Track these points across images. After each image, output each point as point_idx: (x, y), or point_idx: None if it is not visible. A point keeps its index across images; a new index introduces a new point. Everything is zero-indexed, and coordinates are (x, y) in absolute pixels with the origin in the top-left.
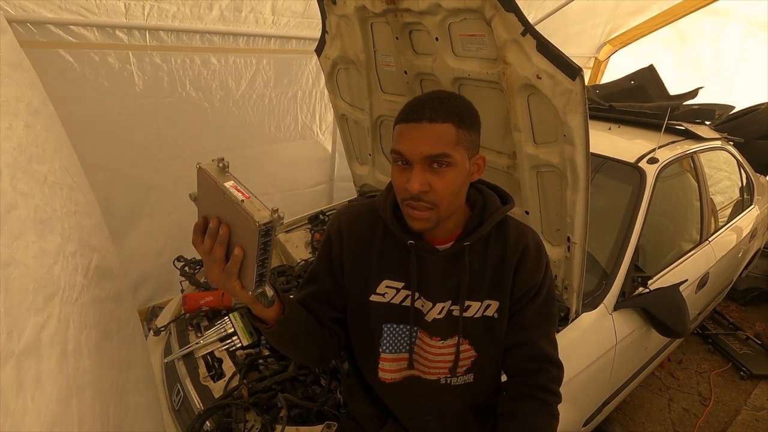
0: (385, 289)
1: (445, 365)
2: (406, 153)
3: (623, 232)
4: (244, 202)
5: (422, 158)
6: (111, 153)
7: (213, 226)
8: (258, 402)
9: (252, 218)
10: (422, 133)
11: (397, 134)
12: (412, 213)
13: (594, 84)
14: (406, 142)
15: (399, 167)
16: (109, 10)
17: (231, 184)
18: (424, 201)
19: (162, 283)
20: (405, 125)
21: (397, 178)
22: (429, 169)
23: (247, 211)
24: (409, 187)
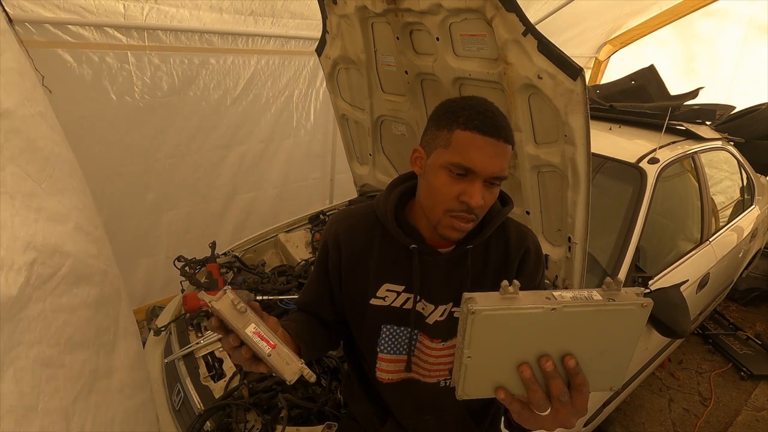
0: (385, 293)
1: (446, 367)
2: (478, 168)
3: (624, 233)
4: (271, 356)
5: (491, 176)
6: (109, 152)
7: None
8: (258, 402)
9: (283, 376)
10: (498, 152)
11: (467, 144)
12: (456, 224)
13: (594, 84)
14: (482, 157)
15: (453, 176)
16: (108, 11)
17: (253, 330)
18: (473, 213)
19: (161, 283)
20: (480, 137)
21: (447, 187)
22: (485, 184)
23: (276, 368)
24: (470, 201)
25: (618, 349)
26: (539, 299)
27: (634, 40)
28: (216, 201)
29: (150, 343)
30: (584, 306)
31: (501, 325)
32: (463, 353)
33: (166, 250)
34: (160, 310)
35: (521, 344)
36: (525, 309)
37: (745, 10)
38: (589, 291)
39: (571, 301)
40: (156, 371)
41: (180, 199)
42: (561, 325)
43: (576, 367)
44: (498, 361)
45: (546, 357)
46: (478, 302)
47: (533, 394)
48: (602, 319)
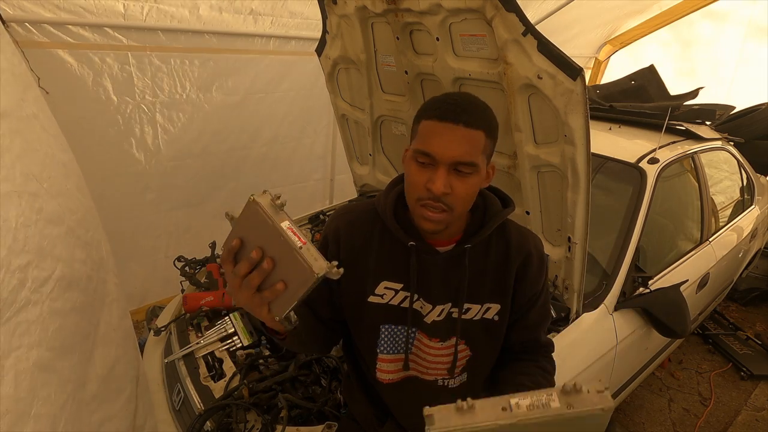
0: (383, 291)
1: (444, 366)
2: (436, 153)
3: (624, 232)
4: (302, 248)
5: (451, 161)
6: (109, 152)
7: (255, 256)
8: (258, 402)
9: (310, 268)
10: (457, 136)
11: (427, 131)
12: (426, 213)
13: (594, 84)
14: (439, 142)
15: (419, 165)
16: (108, 11)
17: (287, 226)
18: (442, 203)
19: (161, 282)
20: (439, 123)
21: (415, 176)
22: (453, 171)
23: (305, 258)
24: (432, 187)
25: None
26: (495, 413)
27: (634, 40)
28: (216, 201)
29: (150, 343)
30: (541, 415)
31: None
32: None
33: (165, 250)
34: (160, 310)
35: None
36: (480, 427)
37: (745, 11)
38: (547, 395)
39: (527, 412)
40: (156, 371)
41: (180, 199)
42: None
43: None
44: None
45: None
46: (435, 422)
47: None
48: (561, 426)
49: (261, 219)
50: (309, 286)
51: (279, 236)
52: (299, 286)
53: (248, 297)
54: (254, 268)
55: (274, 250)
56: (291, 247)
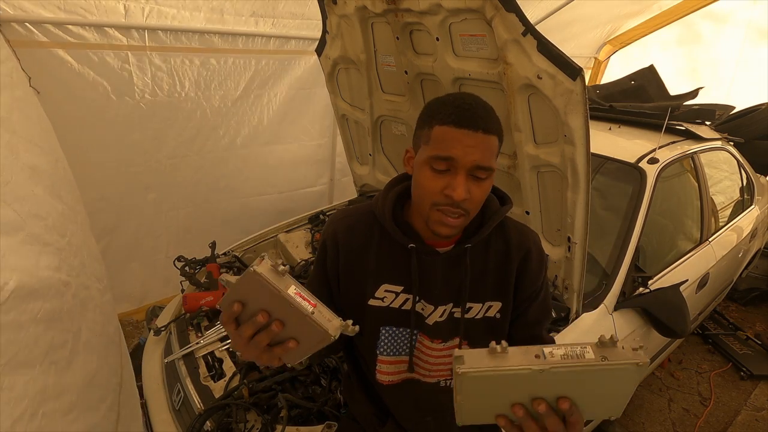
0: (384, 294)
1: (447, 367)
2: (458, 159)
3: (623, 232)
4: (314, 313)
5: (472, 167)
6: (109, 152)
7: (261, 320)
8: (258, 402)
9: (326, 331)
10: (477, 142)
11: (445, 137)
12: (444, 219)
13: (594, 84)
14: (460, 148)
15: (435, 171)
16: (108, 11)
17: (294, 291)
18: (461, 208)
19: (161, 282)
20: (457, 130)
21: (431, 182)
22: (469, 177)
23: (319, 323)
24: (453, 194)
25: (612, 399)
26: (528, 358)
27: (634, 40)
28: (216, 201)
29: (150, 343)
30: (574, 366)
31: (488, 383)
32: (456, 396)
33: (166, 250)
34: (160, 310)
35: (512, 395)
36: (512, 370)
37: (744, 12)
38: (582, 347)
39: (560, 361)
40: (156, 371)
41: (180, 199)
42: (551, 381)
43: (571, 408)
44: (491, 403)
45: (539, 400)
46: (465, 362)
47: (528, 428)
48: (594, 377)
49: (264, 286)
50: (324, 344)
51: (287, 303)
52: (313, 344)
53: (257, 354)
54: (260, 329)
55: (281, 313)
56: (302, 313)
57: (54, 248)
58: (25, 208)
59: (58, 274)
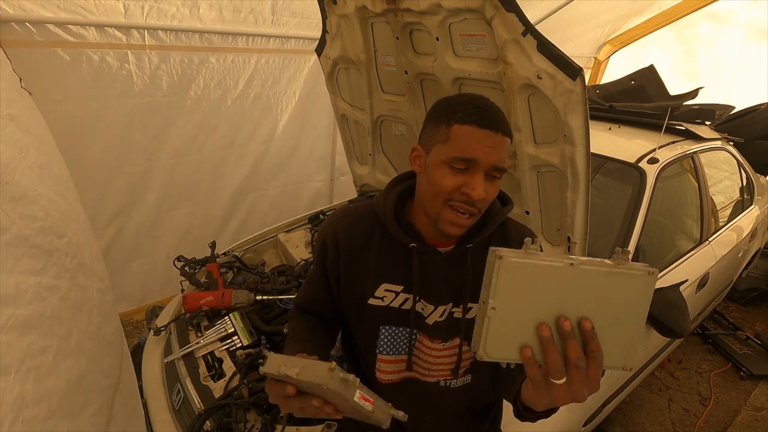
0: (383, 293)
1: (447, 367)
2: (480, 159)
3: (623, 232)
4: (374, 412)
5: (491, 167)
6: (109, 152)
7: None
8: (258, 402)
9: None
10: (497, 143)
11: (466, 137)
12: (456, 219)
13: (594, 84)
14: (482, 148)
15: (453, 170)
16: (108, 11)
17: (359, 395)
18: (474, 206)
19: (161, 282)
20: (479, 130)
21: (447, 179)
22: (486, 176)
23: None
24: (472, 192)
25: (628, 320)
26: (559, 257)
27: (634, 40)
28: (216, 201)
29: (150, 343)
30: (598, 266)
31: (524, 275)
32: (488, 305)
33: (166, 249)
34: (160, 310)
35: (541, 302)
36: (547, 261)
37: (744, 12)
38: (600, 260)
39: (585, 262)
40: (156, 371)
41: (180, 199)
42: (577, 285)
43: (591, 331)
44: (519, 319)
45: (564, 317)
46: (504, 251)
47: (551, 356)
48: (614, 283)
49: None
50: None
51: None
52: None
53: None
54: None
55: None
56: (363, 413)
57: (42, 251)
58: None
59: (39, 277)
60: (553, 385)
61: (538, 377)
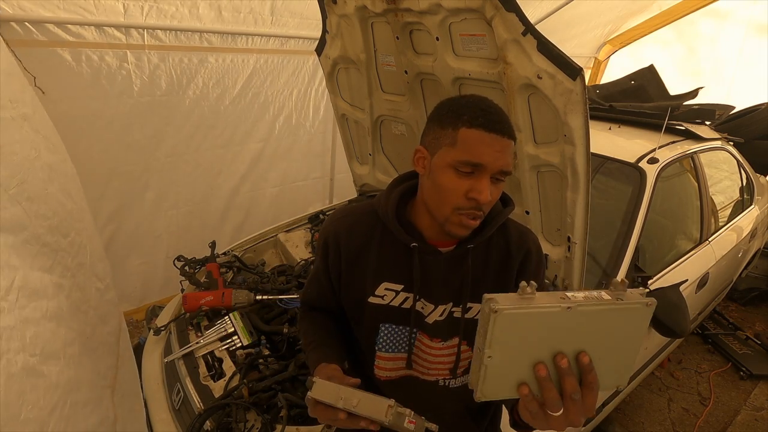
0: (384, 292)
1: (445, 366)
2: (488, 164)
3: (623, 232)
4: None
5: (498, 171)
6: (108, 151)
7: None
8: (258, 402)
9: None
10: (503, 147)
11: (474, 141)
12: (466, 222)
13: (594, 84)
14: (490, 153)
15: (459, 174)
16: (108, 11)
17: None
18: (482, 210)
19: (160, 282)
20: (486, 134)
21: (455, 184)
22: (492, 179)
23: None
24: (479, 197)
25: (624, 348)
26: (555, 299)
27: (634, 40)
28: (216, 200)
29: (150, 343)
30: (596, 305)
31: (520, 323)
32: (484, 353)
33: (165, 249)
34: (160, 310)
35: (537, 343)
36: (543, 308)
37: (745, 10)
38: (598, 292)
39: (583, 301)
40: (156, 371)
41: (179, 198)
42: (574, 324)
43: (589, 364)
44: (515, 361)
45: (561, 354)
46: (499, 302)
47: (548, 393)
48: (611, 318)
49: None
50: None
51: None
52: None
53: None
54: None
55: None
56: None
57: (50, 249)
58: (33, 208)
59: (49, 275)
60: (550, 415)
61: (535, 410)
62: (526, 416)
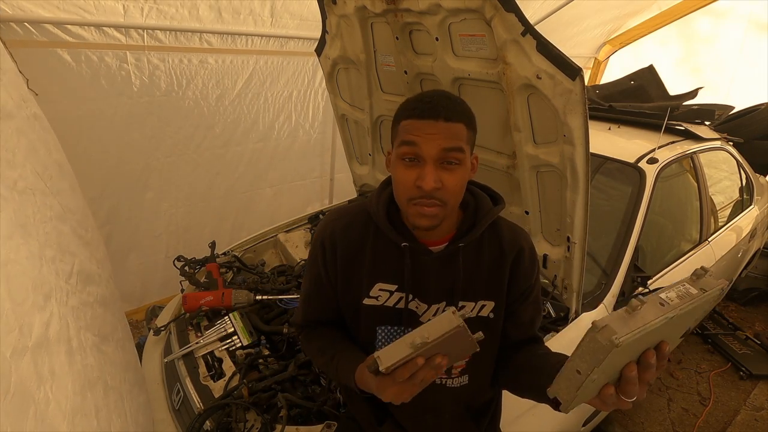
0: (378, 292)
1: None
2: (421, 148)
3: (623, 232)
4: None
5: (438, 154)
6: (108, 151)
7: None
8: (258, 402)
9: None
10: (439, 130)
11: (409, 129)
12: (421, 210)
13: (594, 84)
14: (423, 137)
15: (405, 164)
16: (108, 11)
17: None
18: (435, 198)
19: (160, 282)
20: (419, 121)
21: (403, 176)
22: (440, 167)
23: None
24: (422, 184)
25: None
26: (657, 309)
27: (634, 40)
28: (215, 200)
29: (150, 343)
30: (690, 304)
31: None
32: (588, 377)
33: (165, 249)
34: (160, 310)
35: (634, 351)
36: (653, 325)
37: (745, 8)
38: (684, 286)
39: (680, 304)
40: (156, 371)
41: (179, 198)
42: (668, 326)
43: (668, 352)
44: (610, 373)
45: (651, 351)
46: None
47: (631, 387)
48: (696, 308)
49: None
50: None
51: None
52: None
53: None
54: None
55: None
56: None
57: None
58: (64, 201)
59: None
60: (622, 400)
61: (613, 399)
62: (597, 404)
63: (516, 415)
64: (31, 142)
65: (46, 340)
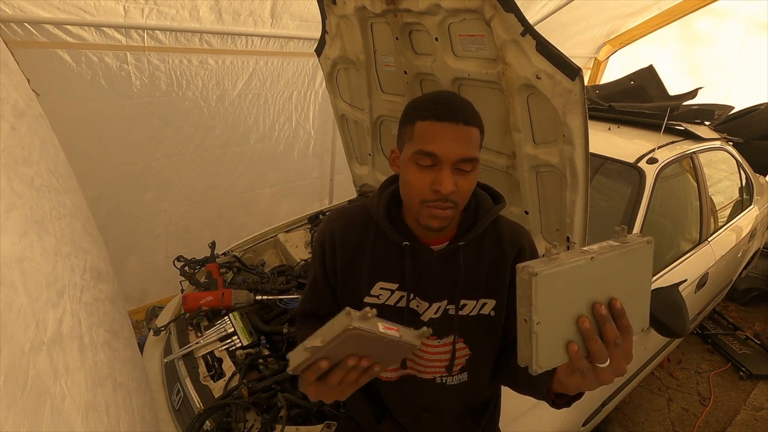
0: (379, 291)
1: (441, 364)
2: (441, 153)
3: None
4: (402, 336)
5: (456, 160)
6: (108, 151)
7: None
8: (258, 401)
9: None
10: (459, 135)
11: (427, 132)
12: (436, 212)
13: (594, 84)
14: (443, 142)
15: (420, 167)
16: (108, 12)
17: (383, 327)
18: (450, 201)
19: (160, 282)
20: (438, 124)
21: (417, 178)
22: (456, 171)
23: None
24: (440, 188)
25: (639, 291)
26: (577, 254)
27: (634, 40)
28: (215, 200)
29: (150, 343)
30: (610, 251)
31: (557, 283)
32: (532, 322)
33: (165, 249)
34: (160, 310)
35: (575, 300)
36: (573, 263)
37: (745, 8)
38: (605, 242)
39: (600, 250)
40: (156, 371)
41: (178, 198)
42: (599, 273)
43: (622, 308)
44: (560, 323)
45: (598, 303)
46: (535, 266)
47: (594, 344)
48: (624, 261)
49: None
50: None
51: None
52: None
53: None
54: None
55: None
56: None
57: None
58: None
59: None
60: (598, 369)
61: (586, 367)
62: (577, 379)
63: (516, 414)
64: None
65: (60, 336)
